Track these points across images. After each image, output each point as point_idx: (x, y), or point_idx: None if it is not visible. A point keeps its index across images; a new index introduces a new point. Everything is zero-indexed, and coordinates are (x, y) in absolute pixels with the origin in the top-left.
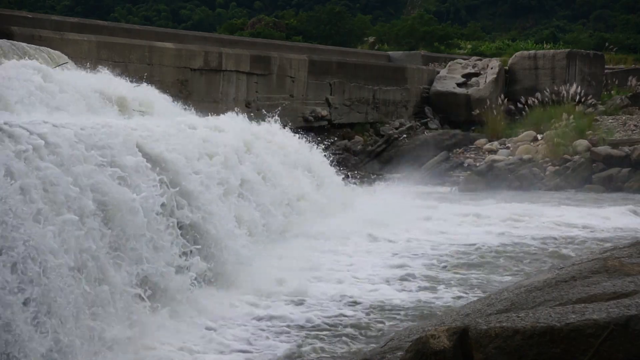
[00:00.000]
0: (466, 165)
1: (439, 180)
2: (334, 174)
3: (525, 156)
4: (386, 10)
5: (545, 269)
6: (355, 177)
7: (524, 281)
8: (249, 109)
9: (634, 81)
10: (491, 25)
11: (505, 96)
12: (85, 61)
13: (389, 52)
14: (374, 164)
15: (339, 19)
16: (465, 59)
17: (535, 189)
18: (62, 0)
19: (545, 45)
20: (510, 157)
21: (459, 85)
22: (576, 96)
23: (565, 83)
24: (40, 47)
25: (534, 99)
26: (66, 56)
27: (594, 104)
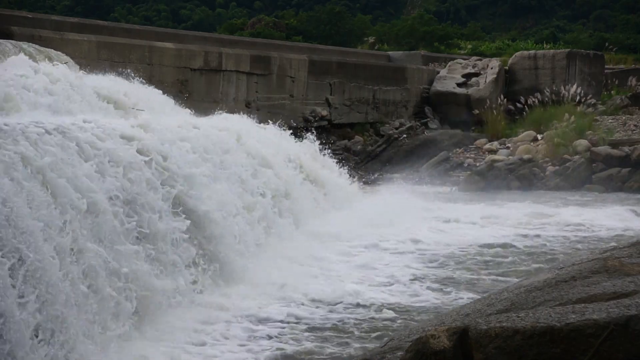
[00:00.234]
0: (466, 165)
1: (439, 180)
2: (338, 174)
3: (526, 156)
4: (386, 10)
5: (546, 268)
6: (355, 177)
7: (524, 281)
8: (249, 109)
9: (634, 81)
10: (491, 25)
11: (505, 96)
12: (85, 61)
13: (389, 52)
14: (374, 164)
15: (339, 19)
16: (465, 59)
17: (535, 189)
18: (62, 0)
19: (545, 45)
20: (510, 157)
21: (459, 85)
22: (576, 96)
23: (566, 83)
24: (41, 48)
25: (534, 99)
26: (67, 56)
27: (594, 104)
